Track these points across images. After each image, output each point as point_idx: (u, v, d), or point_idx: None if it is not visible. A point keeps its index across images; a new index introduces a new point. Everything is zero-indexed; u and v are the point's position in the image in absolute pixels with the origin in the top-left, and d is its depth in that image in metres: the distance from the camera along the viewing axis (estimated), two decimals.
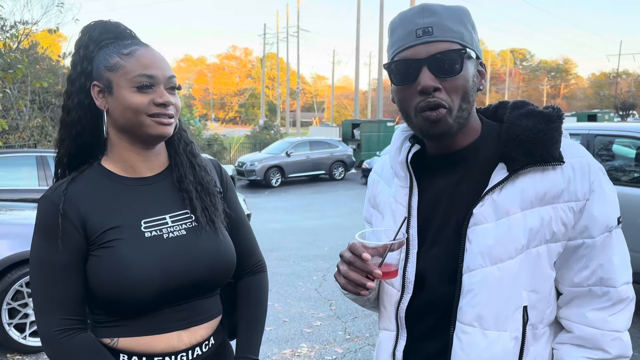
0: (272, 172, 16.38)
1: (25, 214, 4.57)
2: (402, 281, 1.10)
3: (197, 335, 1.20)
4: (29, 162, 6.81)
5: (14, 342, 3.87)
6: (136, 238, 1.15)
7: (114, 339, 1.16)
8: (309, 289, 5.61)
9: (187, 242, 1.19)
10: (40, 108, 17.30)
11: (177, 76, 1.21)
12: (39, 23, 13.85)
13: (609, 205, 1.02)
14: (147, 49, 1.18)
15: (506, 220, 1.01)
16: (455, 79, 1.00)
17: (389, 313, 1.14)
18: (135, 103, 1.13)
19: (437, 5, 1.02)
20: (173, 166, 1.26)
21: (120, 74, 1.14)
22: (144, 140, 1.19)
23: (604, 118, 27.59)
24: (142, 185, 1.22)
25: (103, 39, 1.19)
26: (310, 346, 4.10)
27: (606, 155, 4.98)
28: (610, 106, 44.96)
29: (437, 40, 0.99)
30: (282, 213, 10.77)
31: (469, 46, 1.02)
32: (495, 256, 1.00)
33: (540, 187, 1.01)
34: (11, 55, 7.47)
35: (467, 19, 1.04)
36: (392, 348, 1.14)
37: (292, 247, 7.47)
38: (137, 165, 1.22)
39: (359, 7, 33.39)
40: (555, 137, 1.03)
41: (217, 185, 1.34)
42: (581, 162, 1.02)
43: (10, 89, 10.69)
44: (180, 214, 1.22)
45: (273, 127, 29.69)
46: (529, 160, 1.01)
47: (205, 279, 1.20)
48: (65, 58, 17.02)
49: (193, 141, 1.33)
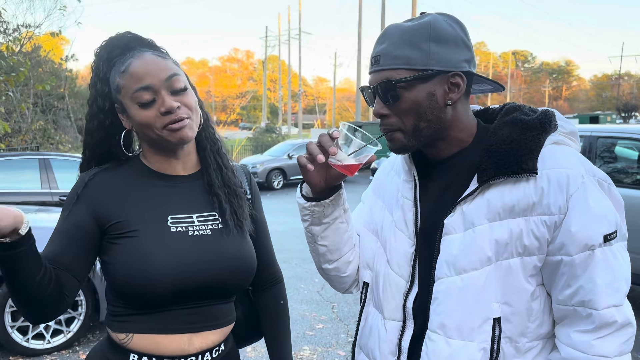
0: (274, 174, 16.39)
1: (28, 217, 4.58)
2: (411, 273, 1.12)
3: (208, 340, 1.21)
4: (31, 165, 6.82)
5: (16, 344, 3.88)
6: (161, 231, 1.16)
7: (128, 335, 1.17)
8: (311, 291, 5.61)
9: (211, 242, 1.20)
10: (42, 111, 17.34)
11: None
12: (41, 26, 13.87)
13: (591, 222, 0.96)
14: (141, 58, 1.15)
15: (471, 232, 1.02)
16: (398, 104, 1.05)
17: (397, 303, 1.14)
18: (143, 120, 1.14)
19: (394, 27, 1.06)
20: (204, 169, 1.27)
21: (124, 94, 1.16)
22: (169, 149, 1.20)
23: (606, 120, 27.53)
24: (175, 184, 1.24)
25: (113, 57, 1.19)
26: (313, 349, 4.10)
27: (608, 157, 4.97)
28: (612, 108, 44.90)
29: (381, 69, 1.05)
30: (284, 215, 10.76)
31: (417, 67, 1.02)
32: (460, 266, 1.02)
33: (508, 198, 1.00)
34: (14, 58, 7.49)
35: (424, 37, 1.02)
36: (398, 338, 1.14)
37: (294, 250, 7.48)
38: (172, 164, 1.24)
39: (360, 9, 33.45)
40: (530, 146, 1.00)
41: (247, 193, 1.35)
42: (559, 174, 0.98)
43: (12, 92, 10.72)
44: (208, 215, 1.23)
45: (275, 130, 29.71)
46: (496, 171, 1.00)
47: (224, 282, 1.20)
48: (67, 61, 17.07)
49: (220, 140, 1.32)
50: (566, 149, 1.03)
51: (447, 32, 1.04)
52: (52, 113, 17.77)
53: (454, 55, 1.04)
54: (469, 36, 1.09)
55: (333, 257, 1.25)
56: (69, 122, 18.59)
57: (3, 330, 3.83)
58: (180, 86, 1.16)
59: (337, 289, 1.36)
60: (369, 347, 1.21)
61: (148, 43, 1.22)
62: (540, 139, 1.01)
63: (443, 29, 1.04)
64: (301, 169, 1.10)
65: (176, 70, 1.17)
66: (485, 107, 1.21)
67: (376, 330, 1.19)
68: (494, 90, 1.17)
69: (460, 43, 1.05)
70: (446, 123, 1.07)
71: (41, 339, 3.97)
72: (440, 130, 1.07)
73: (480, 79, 1.12)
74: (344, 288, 1.34)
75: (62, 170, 6.87)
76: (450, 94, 1.05)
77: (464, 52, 1.05)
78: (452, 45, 1.04)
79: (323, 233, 1.21)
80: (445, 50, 1.03)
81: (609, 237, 0.97)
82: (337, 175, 1.11)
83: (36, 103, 16.97)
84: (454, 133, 1.09)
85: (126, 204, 1.18)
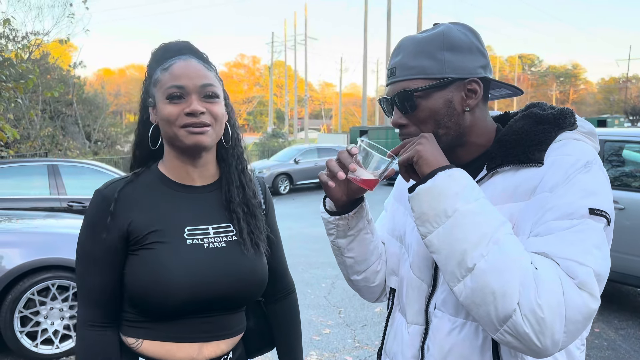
0: (281, 179, 16.41)
1: (37, 222, 4.62)
2: (433, 276, 1.13)
3: (218, 350, 1.22)
4: (40, 171, 6.88)
5: (25, 350, 3.90)
6: (177, 243, 1.18)
7: (138, 340, 1.18)
8: (318, 296, 5.61)
9: (225, 254, 1.21)
10: (51, 117, 17.49)
11: None
12: (50, 34, 14.03)
13: (576, 193, 0.92)
14: (185, 61, 1.20)
15: None
16: (416, 113, 1.07)
17: (420, 307, 1.15)
18: (167, 114, 1.17)
19: (408, 39, 1.08)
20: (223, 183, 1.28)
21: (159, 88, 1.20)
22: (184, 151, 1.22)
23: (614, 123, 27.36)
24: (192, 194, 1.25)
25: (164, 58, 1.24)
26: (320, 354, 4.09)
27: (616, 161, 4.94)
28: (620, 111, 44.62)
29: (398, 80, 1.08)
30: (291, 220, 10.77)
31: (433, 76, 1.04)
32: None
33: (510, 183, 1.01)
34: (23, 65, 7.57)
35: (438, 47, 1.04)
36: (420, 342, 1.14)
37: (301, 255, 7.48)
38: (189, 172, 1.25)
39: (366, 15, 33.51)
40: (540, 138, 1.01)
41: (262, 204, 1.37)
42: (562, 159, 0.98)
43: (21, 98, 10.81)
44: (223, 226, 1.25)
45: (282, 135, 29.76)
46: (504, 159, 1.02)
47: (236, 294, 1.21)
48: (75, 68, 17.22)
49: (247, 160, 1.34)
50: (581, 144, 1.03)
51: (460, 40, 1.05)
52: (60, 119, 17.92)
53: (469, 62, 1.05)
54: (483, 43, 1.09)
55: (361, 268, 1.27)
56: (77, 128, 18.73)
57: (12, 336, 3.86)
58: (211, 93, 1.19)
59: (367, 299, 1.37)
60: (393, 351, 1.22)
61: (199, 54, 1.28)
62: (551, 132, 1.02)
63: (456, 38, 1.05)
64: (322, 186, 1.13)
65: (214, 82, 1.21)
66: (505, 112, 1.22)
67: (400, 334, 1.20)
68: (512, 94, 1.18)
69: (474, 50, 1.06)
70: (465, 129, 1.08)
71: (50, 344, 3.99)
72: (459, 137, 1.09)
73: (498, 84, 1.13)
74: (374, 297, 1.36)
75: (71, 176, 6.92)
76: (468, 100, 1.06)
77: (479, 59, 1.07)
78: (467, 53, 1.05)
79: (349, 245, 1.24)
80: (460, 57, 1.05)
81: (596, 211, 0.92)
82: (358, 189, 1.14)
83: (45, 110, 17.11)
84: (473, 139, 1.10)
85: (148, 216, 1.19)
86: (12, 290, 3.86)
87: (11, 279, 3.84)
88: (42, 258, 3.92)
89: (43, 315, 3.96)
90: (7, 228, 4.33)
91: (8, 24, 8.17)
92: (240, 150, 1.33)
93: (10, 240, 4.01)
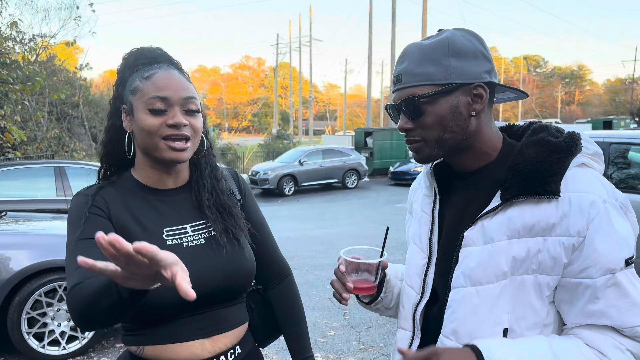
0: (285, 181, 16.43)
1: (44, 224, 4.65)
2: (422, 285, 1.17)
3: (220, 344, 1.23)
4: (47, 173, 6.92)
5: (32, 351, 3.93)
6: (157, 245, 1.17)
7: (140, 347, 1.20)
8: (323, 298, 5.61)
9: (205, 250, 1.23)
10: (57, 119, 17.59)
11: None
12: (56, 36, 14.12)
13: (614, 245, 0.97)
14: (167, 71, 1.21)
15: (490, 247, 1.04)
16: (423, 119, 1.09)
17: (407, 314, 1.20)
18: (148, 125, 1.17)
19: (413, 47, 1.10)
20: (194, 187, 1.30)
21: (138, 97, 1.20)
22: (161, 163, 1.23)
23: (620, 125, 27.25)
24: (166, 197, 1.27)
25: (138, 64, 1.25)
26: (325, 356, 4.10)
27: (622, 163, 4.93)
28: (626, 112, 44.33)
29: (404, 87, 1.09)
30: (295, 222, 10.78)
31: (439, 82, 1.06)
32: (475, 279, 1.05)
33: (529, 218, 1.01)
34: (30, 68, 7.63)
35: (442, 53, 1.06)
36: (407, 347, 1.19)
37: (306, 256, 7.49)
38: (163, 179, 1.27)
39: (371, 16, 33.50)
40: (556, 168, 1.02)
41: (236, 195, 1.38)
42: (581, 198, 0.98)
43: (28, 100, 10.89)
44: (200, 223, 1.27)
45: (287, 137, 29.79)
46: (520, 190, 1.02)
47: (222, 287, 1.23)
48: (82, 70, 17.31)
49: (218, 166, 1.36)
50: (590, 173, 1.04)
51: (465, 46, 1.07)
52: (66, 121, 18.01)
53: (474, 67, 1.07)
54: (488, 48, 1.11)
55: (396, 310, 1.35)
56: (84, 130, 18.82)
57: (20, 337, 3.89)
58: (194, 108, 1.22)
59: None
60: (392, 355, 1.28)
61: (175, 63, 1.29)
62: (565, 161, 1.03)
63: (461, 43, 1.07)
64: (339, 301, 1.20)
65: (194, 94, 1.23)
66: (509, 124, 1.23)
67: (396, 339, 1.25)
68: (517, 97, 1.18)
69: (479, 55, 1.08)
70: (471, 134, 1.09)
71: (57, 345, 4.02)
72: (464, 141, 1.10)
73: (503, 88, 1.14)
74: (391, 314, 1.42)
75: (77, 177, 6.96)
76: (474, 105, 1.08)
77: (484, 64, 1.08)
78: (472, 58, 1.07)
79: (391, 311, 1.34)
80: (465, 63, 1.06)
81: (630, 260, 0.98)
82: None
83: (51, 111, 17.21)
84: (479, 145, 1.11)
85: (125, 221, 1.20)
86: (19, 291, 3.89)
87: (18, 280, 3.87)
88: (49, 260, 3.95)
89: (50, 316, 3.99)
90: (15, 230, 4.36)
91: (15, 27, 8.23)
92: (213, 158, 1.35)
93: (17, 242, 4.04)
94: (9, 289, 3.85)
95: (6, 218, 4.68)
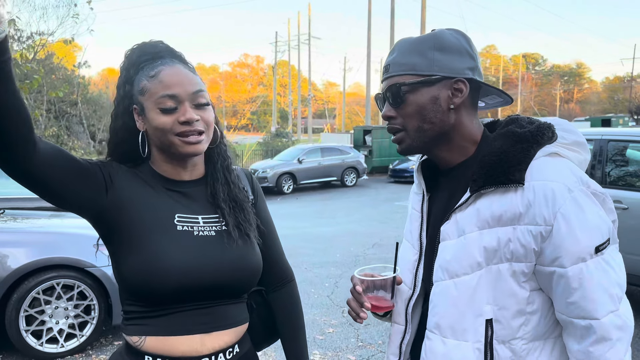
0: (284, 179, 16.43)
1: (42, 222, 4.64)
2: (414, 280, 1.20)
3: (220, 341, 1.23)
4: None
5: (30, 348, 3.92)
6: (168, 228, 1.20)
7: (141, 337, 1.20)
8: (322, 295, 5.62)
9: (214, 242, 1.23)
10: (56, 117, 17.57)
11: None
12: (54, 34, 14.07)
13: (582, 234, 0.99)
14: (172, 67, 1.21)
15: (463, 239, 1.07)
16: (403, 107, 1.13)
17: (401, 308, 1.22)
18: (160, 124, 1.18)
19: (403, 40, 1.16)
20: (209, 180, 1.31)
21: (147, 97, 1.20)
22: (177, 158, 1.24)
23: (619, 122, 27.27)
24: (181, 188, 1.28)
25: (141, 61, 1.24)
26: (323, 353, 4.10)
27: (620, 161, 4.93)
28: (624, 110, 44.40)
29: (390, 76, 1.14)
30: (294, 220, 10.78)
31: (422, 73, 1.10)
32: (452, 271, 1.08)
33: (497, 208, 1.04)
34: (28, 65, 7.62)
35: (428, 46, 1.10)
36: (400, 341, 1.22)
37: (304, 254, 7.49)
38: (179, 172, 1.28)
39: (370, 14, 33.48)
40: (519, 158, 1.04)
41: (249, 194, 1.39)
42: (544, 187, 1.00)
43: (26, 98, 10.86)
44: (213, 217, 1.27)
45: (285, 135, 29.77)
46: (485, 181, 1.05)
47: (227, 282, 1.22)
48: (80, 68, 17.28)
49: (231, 157, 1.37)
50: (559, 161, 1.06)
51: (450, 42, 1.11)
52: (65, 119, 17.99)
53: (458, 63, 1.11)
54: (474, 48, 1.15)
55: None
56: (82, 128, 18.81)
57: (18, 335, 3.89)
58: (203, 101, 1.22)
59: None
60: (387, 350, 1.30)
61: (178, 55, 1.28)
62: (530, 151, 1.05)
63: (447, 39, 1.11)
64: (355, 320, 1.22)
65: (202, 86, 1.23)
66: (494, 120, 1.26)
67: (390, 333, 1.28)
68: (503, 103, 1.22)
69: (464, 52, 1.12)
70: (449, 127, 1.13)
71: (55, 343, 4.01)
72: (444, 134, 1.13)
73: (488, 90, 1.18)
74: None
75: None
76: (454, 98, 1.11)
77: (468, 61, 1.12)
78: (456, 54, 1.11)
79: None
80: (448, 58, 1.10)
81: (600, 247, 1.00)
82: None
83: (49, 109, 17.19)
84: (458, 139, 1.14)
85: (139, 201, 1.22)
86: (17, 289, 3.89)
87: (16, 278, 3.87)
88: (47, 257, 3.95)
89: (48, 314, 3.99)
90: (13, 227, 4.35)
91: (13, 25, 8.21)
92: (224, 147, 1.35)
93: (15, 240, 4.04)
94: (6, 287, 3.84)
95: (4, 216, 4.67)
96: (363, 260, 7.12)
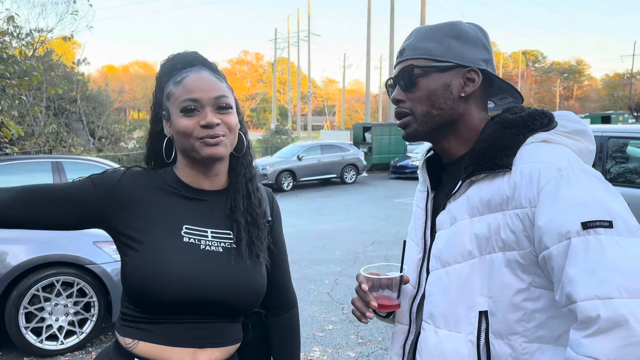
0: (284, 176, 16.42)
1: None
2: (418, 279, 1.18)
3: (212, 357, 1.21)
4: (44, 168, 6.89)
5: (30, 345, 3.93)
6: (174, 238, 1.20)
7: (134, 341, 1.19)
8: (321, 292, 5.62)
9: (220, 258, 1.22)
10: (55, 114, 17.56)
11: None
12: (53, 31, 14.05)
13: (564, 209, 0.90)
14: (197, 74, 1.22)
15: (454, 227, 1.07)
16: (414, 91, 1.12)
17: (404, 308, 1.20)
18: (182, 127, 1.19)
19: (421, 27, 1.16)
20: (231, 191, 1.29)
21: (172, 102, 1.22)
22: (199, 162, 1.24)
23: (618, 119, 27.27)
24: (199, 197, 1.27)
25: (173, 70, 1.27)
26: (323, 350, 4.10)
27: (620, 158, 4.93)
28: (624, 107, 44.41)
29: (404, 59, 1.14)
30: (294, 217, 10.78)
31: (436, 58, 1.10)
32: (444, 259, 1.07)
33: (485, 194, 1.02)
34: (27, 62, 7.60)
35: (445, 34, 1.11)
36: (403, 341, 1.20)
37: (304, 251, 7.49)
38: (200, 181, 1.28)
39: (370, 11, 33.43)
40: (507, 143, 1.03)
41: (268, 216, 1.37)
42: (532, 168, 0.97)
43: (25, 95, 10.85)
44: (223, 233, 1.25)
45: (285, 132, 29.76)
46: (475, 168, 1.04)
47: (229, 300, 1.21)
48: (79, 65, 17.26)
49: (256, 169, 1.35)
50: (553, 147, 1.02)
51: (467, 32, 1.12)
52: (64, 116, 17.98)
53: (472, 53, 1.11)
54: (490, 42, 1.16)
55: None
56: (81, 125, 18.79)
57: (17, 332, 3.89)
58: (224, 105, 1.21)
59: None
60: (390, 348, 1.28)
61: (209, 64, 1.30)
62: (519, 136, 1.03)
63: (464, 29, 1.12)
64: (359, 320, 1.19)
65: (227, 93, 1.23)
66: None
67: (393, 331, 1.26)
68: (515, 101, 1.20)
69: (479, 44, 1.12)
70: (458, 116, 1.12)
71: (54, 340, 4.02)
72: (451, 123, 1.12)
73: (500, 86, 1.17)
74: None
75: (75, 172, 6.93)
76: (465, 87, 1.11)
77: (482, 53, 1.12)
78: (472, 45, 1.11)
79: None
80: (464, 47, 1.11)
81: (590, 224, 0.88)
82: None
83: (49, 107, 17.17)
84: (464, 130, 1.13)
85: (147, 208, 1.22)
86: (17, 286, 3.89)
87: (16, 275, 3.87)
88: (47, 254, 3.96)
89: (48, 311, 3.99)
90: None
91: (12, 21, 8.18)
92: (250, 158, 1.34)
93: (15, 237, 4.03)
94: (6, 284, 3.85)
95: None
96: (363, 257, 7.11)
